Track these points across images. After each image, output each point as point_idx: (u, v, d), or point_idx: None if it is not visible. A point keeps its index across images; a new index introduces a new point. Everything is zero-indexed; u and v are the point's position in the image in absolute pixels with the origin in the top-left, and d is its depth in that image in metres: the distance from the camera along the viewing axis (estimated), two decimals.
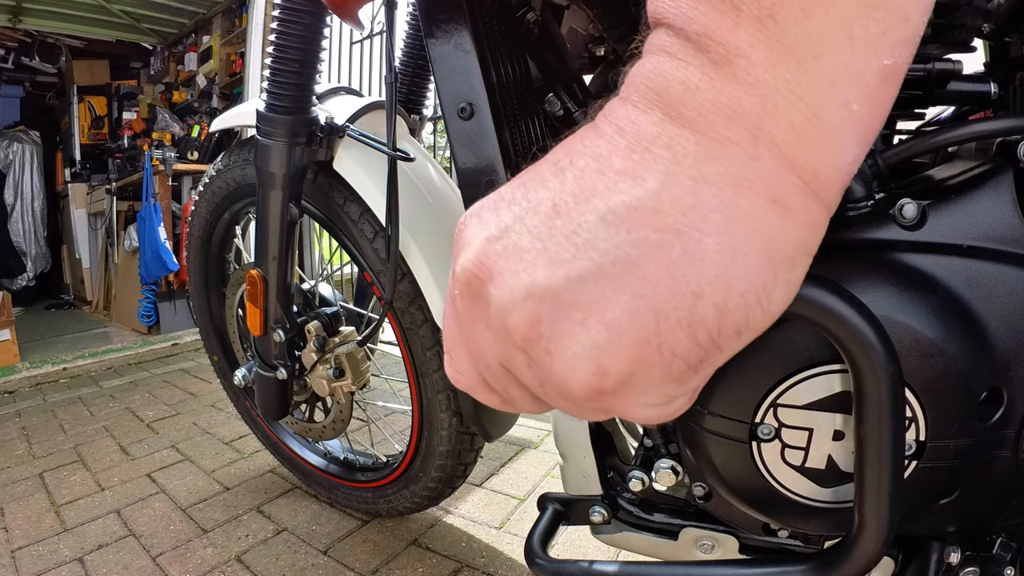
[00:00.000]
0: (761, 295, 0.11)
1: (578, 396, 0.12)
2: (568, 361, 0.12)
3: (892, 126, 0.27)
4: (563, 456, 0.37)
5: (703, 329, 0.11)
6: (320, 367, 0.66)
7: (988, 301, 0.23)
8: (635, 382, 0.12)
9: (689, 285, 0.11)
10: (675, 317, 0.11)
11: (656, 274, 0.11)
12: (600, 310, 0.11)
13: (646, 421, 0.13)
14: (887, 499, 0.21)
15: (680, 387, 0.12)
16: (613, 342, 0.11)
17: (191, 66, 2.61)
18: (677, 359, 0.11)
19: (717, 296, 0.11)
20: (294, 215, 0.59)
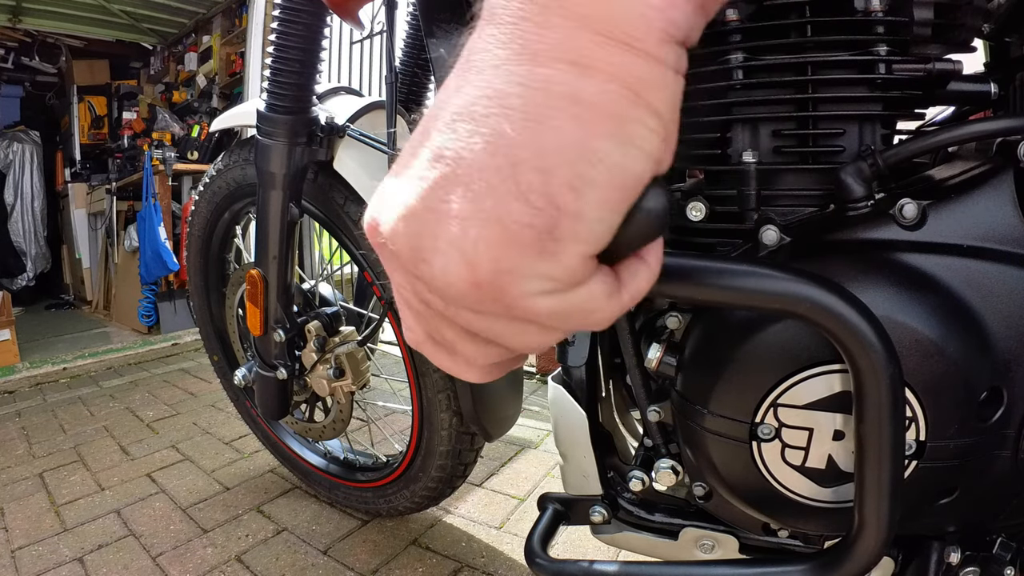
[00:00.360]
0: (582, 149, 0.12)
1: (467, 296, 0.13)
2: (440, 265, 0.12)
3: (892, 126, 0.27)
4: (563, 456, 0.37)
5: (533, 192, 0.12)
6: (320, 367, 0.66)
7: (988, 301, 0.23)
8: (503, 265, 0.12)
9: (507, 159, 0.12)
10: (504, 189, 0.12)
11: (480, 160, 0.12)
12: (447, 208, 0.12)
13: (554, 315, 0.13)
14: (887, 499, 0.21)
15: (554, 262, 0.12)
16: (465, 230, 0.12)
17: (191, 66, 2.61)
18: (524, 227, 0.12)
19: (533, 160, 0.12)
20: (294, 215, 0.59)
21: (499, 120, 0.12)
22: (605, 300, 0.14)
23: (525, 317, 0.13)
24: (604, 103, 0.12)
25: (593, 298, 0.13)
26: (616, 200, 0.12)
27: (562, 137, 0.11)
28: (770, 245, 0.26)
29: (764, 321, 0.25)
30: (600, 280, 0.13)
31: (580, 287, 0.13)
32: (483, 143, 0.12)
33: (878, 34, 0.25)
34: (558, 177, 0.12)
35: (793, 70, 0.26)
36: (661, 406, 0.32)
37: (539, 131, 0.12)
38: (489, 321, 0.13)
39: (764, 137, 0.27)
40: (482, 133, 0.12)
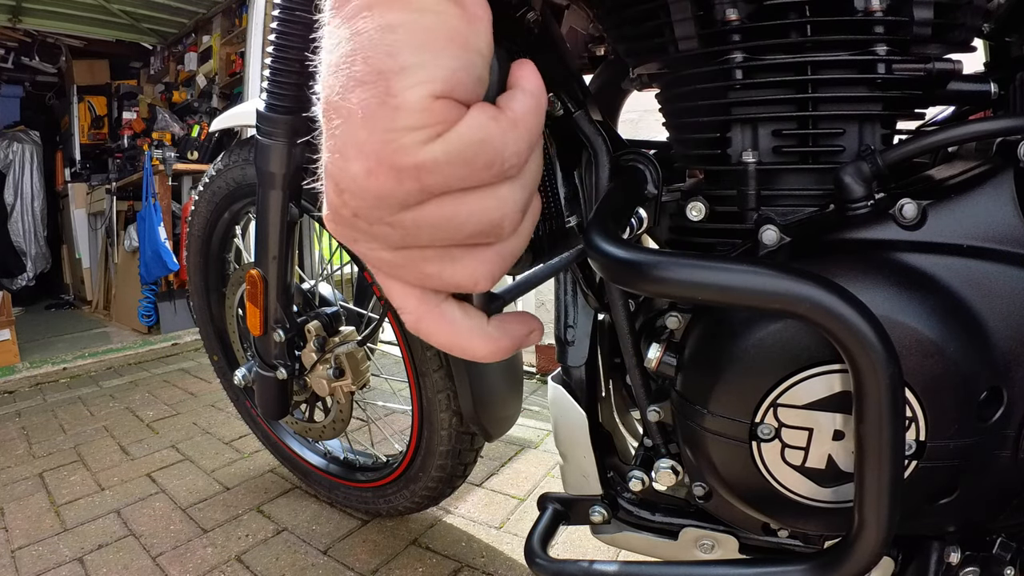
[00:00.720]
0: (381, 23, 0.13)
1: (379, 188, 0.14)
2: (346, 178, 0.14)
3: (892, 126, 0.27)
4: (563, 456, 0.37)
5: (362, 73, 0.13)
6: (320, 367, 0.66)
7: (988, 301, 0.23)
8: (375, 139, 0.13)
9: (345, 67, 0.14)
10: (347, 86, 0.14)
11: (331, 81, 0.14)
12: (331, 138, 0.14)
13: (457, 157, 0.14)
14: (887, 499, 0.21)
15: (405, 113, 0.13)
16: (335, 136, 0.14)
17: (191, 66, 2.61)
18: (369, 102, 0.13)
19: (358, 53, 0.13)
20: (294, 215, 0.59)
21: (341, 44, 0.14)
22: (491, 123, 0.14)
23: (443, 180, 0.14)
24: (400, 40, 0.13)
25: (478, 126, 0.14)
26: (425, 40, 0.13)
27: (367, 23, 0.13)
28: (770, 245, 0.26)
29: (764, 321, 0.25)
30: (476, 111, 0.14)
31: (458, 123, 0.14)
32: (332, 73, 0.14)
33: (878, 34, 0.25)
34: (375, 51, 0.13)
35: (793, 70, 0.26)
36: (661, 406, 0.32)
37: (354, 34, 0.13)
38: (431, 211, 0.14)
39: (764, 137, 0.27)
40: (332, 71, 0.14)
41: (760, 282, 0.20)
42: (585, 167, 0.32)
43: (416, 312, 0.16)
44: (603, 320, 0.36)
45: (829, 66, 0.25)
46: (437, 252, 0.15)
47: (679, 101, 0.31)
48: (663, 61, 0.30)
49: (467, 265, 0.15)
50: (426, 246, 0.15)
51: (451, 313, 0.17)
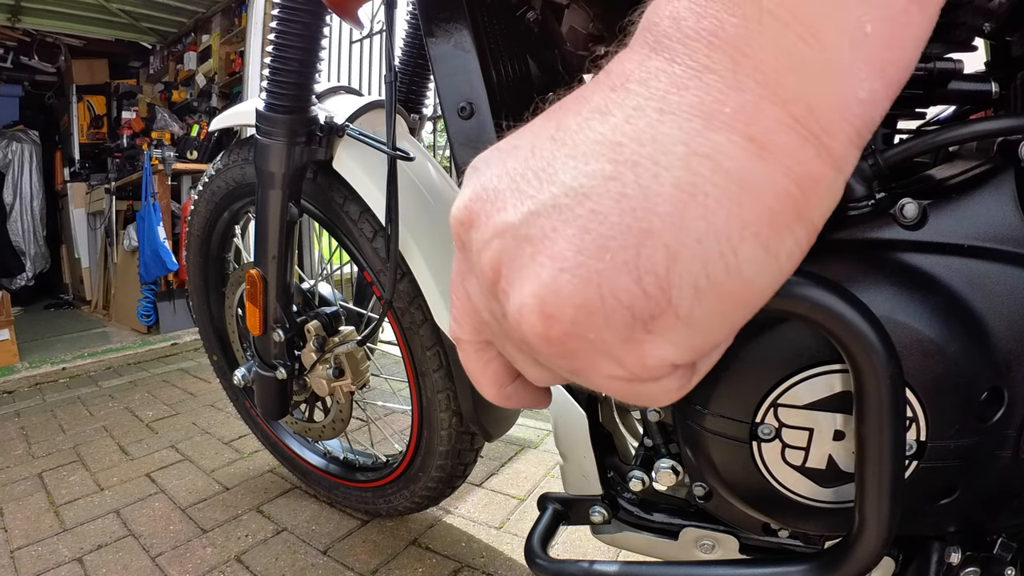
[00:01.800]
0: (724, 246, 0.10)
1: (534, 344, 0.11)
2: (518, 299, 0.11)
3: (892, 125, 0.27)
4: (563, 456, 0.37)
5: (650, 273, 0.10)
6: (320, 367, 0.66)
7: (989, 301, 0.23)
8: (580, 332, 0.11)
9: (639, 220, 0.10)
10: (620, 255, 0.10)
11: (605, 206, 0.10)
12: (550, 244, 0.11)
13: (620, 397, 0.12)
14: (888, 499, 0.21)
15: (634, 357, 0.11)
16: (556, 279, 0.10)
17: (190, 65, 2.61)
18: (620, 305, 0.10)
19: (668, 236, 0.10)
20: (294, 214, 0.59)
21: (647, 176, 0.10)
22: (674, 394, 0.12)
23: (587, 383, 0.12)
24: (772, 200, 0.10)
25: (663, 393, 0.12)
26: (733, 317, 0.11)
27: (710, 220, 0.10)
28: None
29: (764, 321, 0.25)
30: (677, 378, 0.12)
31: (653, 383, 0.12)
32: (618, 193, 0.10)
33: None
34: (686, 265, 0.10)
35: None
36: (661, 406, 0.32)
37: (688, 205, 0.10)
38: (549, 368, 0.13)
39: None
40: (622, 179, 0.10)
41: None
42: None
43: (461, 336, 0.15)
44: None
45: None
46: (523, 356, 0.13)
47: None
48: None
49: (539, 374, 0.14)
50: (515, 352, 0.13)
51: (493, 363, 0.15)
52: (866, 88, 0.10)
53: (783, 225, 0.10)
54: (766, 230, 0.10)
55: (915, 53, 0.10)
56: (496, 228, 0.12)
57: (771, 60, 0.09)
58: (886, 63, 0.10)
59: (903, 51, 0.10)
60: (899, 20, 0.09)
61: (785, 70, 0.09)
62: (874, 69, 0.09)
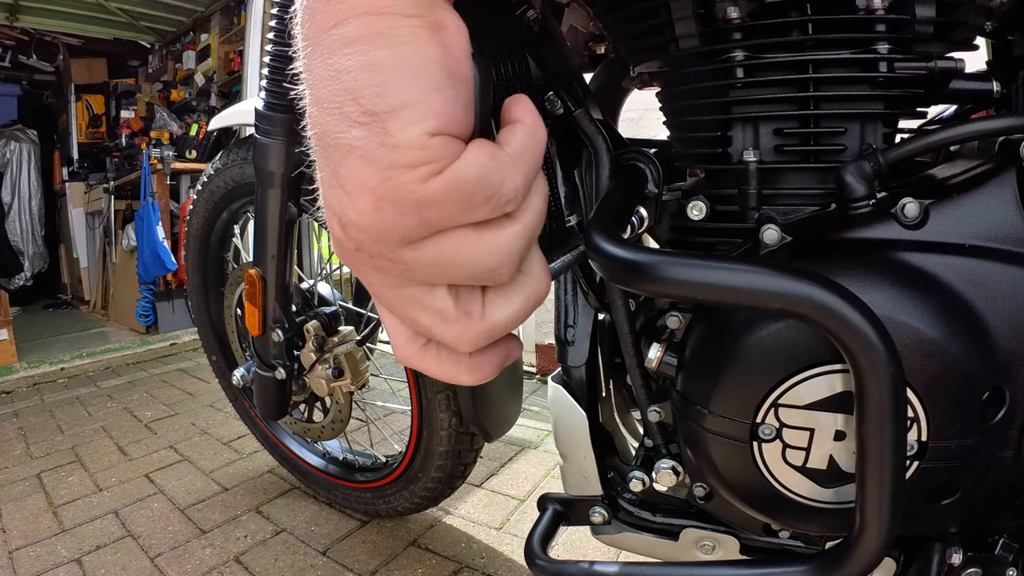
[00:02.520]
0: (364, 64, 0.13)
1: (383, 223, 0.14)
2: (349, 211, 0.14)
3: (894, 125, 0.27)
4: (563, 456, 0.37)
5: (356, 115, 0.13)
6: (319, 367, 0.65)
7: (990, 301, 0.23)
8: (377, 176, 0.14)
9: (338, 105, 0.14)
10: (344, 128, 0.14)
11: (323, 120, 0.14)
12: (331, 177, 0.15)
13: (456, 192, 0.14)
14: (888, 500, 0.21)
15: (402, 151, 0.13)
16: (336, 172, 0.14)
17: (189, 64, 2.60)
18: (368, 142, 0.13)
19: (345, 94, 0.14)
20: (293, 214, 0.59)
21: (322, 91, 0.14)
22: (489, 160, 0.14)
23: (443, 217, 0.14)
24: (362, 32, 0.13)
25: (476, 163, 0.14)
26: (414, 79, 0.13)
27: (352, 70, 0.13)
28: (771, 244, 0.26)
29: (765, 321, 0.25)
30: (474, 147, 0.14)
31: (457, 159, 0.14)
32: (320, 115, 0.14)
33: (879, 32, 0.25)
34: (364, 94, 0.13)
35: (794, 68, 0.26)
36: (661, 406, 0.32)
37: (339, 79, 0.14)
38: (430, 249, 0.14)
39: (765, 136, 0.27)
40: (320, 109, 0.14)
41: (761, 282, 0.20)
42: (585, 166, 0.32)
43: (404, 350, 0.17)
44: (603, 320, 0.36)
45: (830, 64, 0.25)
46: (432, 302, 0.15)
47: (680, 100, 0.31)
48: (664, 59, 0.30)
49: (455, 328, 0.16)
50: (424, 284, 0.15)
51: (435, 351, 0.17)
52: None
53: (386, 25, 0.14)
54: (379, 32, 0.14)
55: None
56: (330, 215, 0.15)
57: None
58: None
59: None
60: None
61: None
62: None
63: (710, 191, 0.29)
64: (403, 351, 0.17)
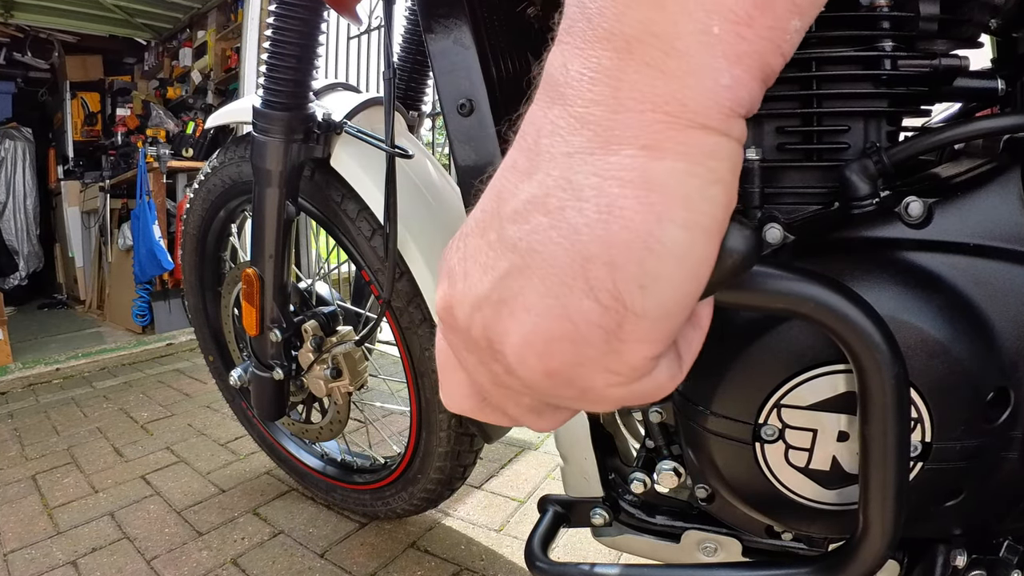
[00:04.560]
0: (647, 241, 0.11)
1: (540, 384, 0.13)
2: (514, 354, 0.13)
3: (898, 123, 0.27)
4: (564, 458, 0.37)
5: (602, 290, 0.12)
6: (317, 367, 0.65)
7: (995, 300, 0.23)
8: (573, 360, 0.12)
9: (579, 253, 0.12)
10: (575, 286, 0.12)
11: (552, 252, 0.12)
12: (522, 300, 0.12)
13: (625, 402, 0.13)
14: (892, 501, 0.21)
15: (621, 362, 0.12)
16: (536, 325, 0.12)
17: (186, 62, 2.58)
18: (592, 326, 0.12)
19: (604, 254, 0.11)
20: (291, 213, 0.58)
21: (573, 214, 0.12)
22: (669, 383, 0.14)
23: (596, 403, 0.13)
24: (672, 183, 0.11)
25: (658, 385, 0.14)
26: (684, 294, 0.12)
27: (630, 227, 0.11)
28: (773, 243, 0.26)
29: (767, 321, 0.24)
30: (664, 367, 0.14)
31: (645, 378, 0.13)
32: (557, 237, 0.12)
33: (883, 29, 0.24)
34: (625, 272, 0.12)
35: (797, 66, 0.26)
36: (663, 407, 0.31)
37: (609, 223, 0.12)
38: (559, 399, 0.14)
39: (768, 134, 0.27)
40: (557, 227, 0.12)
41: (763, 281, 0.19)
42: None
43: (459, 404, 0.16)
44: None
45: (834, 62, 0.25)
46: (530, 406, 0.15)
47: None
48: None
49: (543, 420, 0.15)
50: (529, 404, 0.15)
51: (494, 410, 0.16)
52: (727, 76, 0.12)
53: (694, 196, 0.12)
54: (679, 207, 0.12)
55: (771, 41, 0.12)
56: (473, 302, 0.13)
57: (642, 79, 0.11)
58: (741, 54, 0.12)
59: (754, 42, 0.12)
60: (743, 20, 0.11)
61: (656, 82, 0.11)
62: (730, 60, 0.12)
63: None
64: (457, 405, 0.16)
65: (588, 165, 0.12)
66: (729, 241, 0.13)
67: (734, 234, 0.13)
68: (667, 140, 0.11)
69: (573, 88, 0.12)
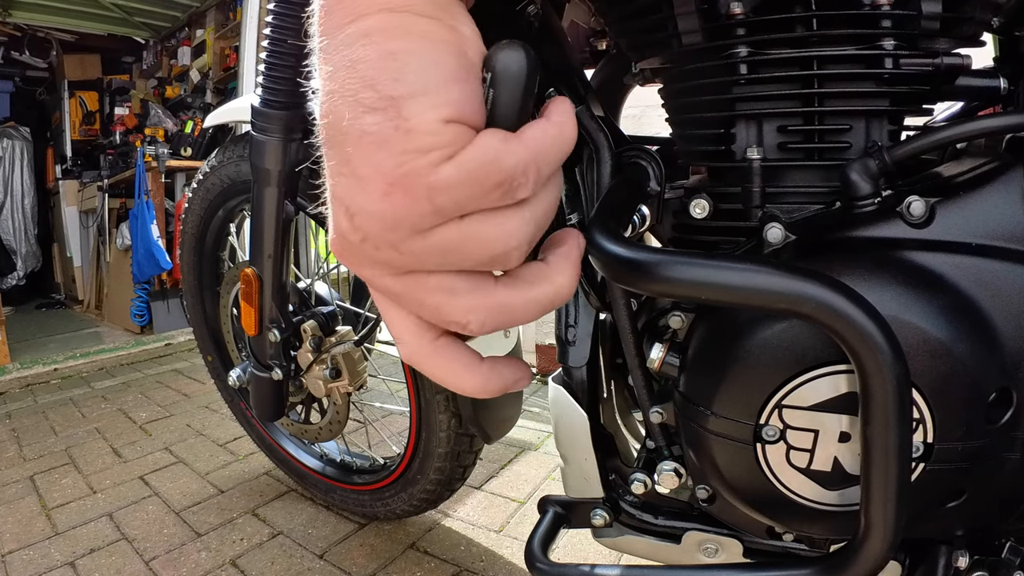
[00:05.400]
0: (388, 45, 0.14)
1: (393, 211, 0.14)
2: (356, 203, 0.14)
3: (899, 122, 0.26)
4: (564, 458, 0.37)
5: (375, 99, 0.13)
6: (316, 367, 0.65)
7: (997, 300, 0.22)
8: (391, 164, 0.14)
9: (353, 93, 0.14)
10: (360, 115, 0.14)
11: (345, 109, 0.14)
12: (346, 165, 0.14)
13: (469, 179, 0.14)
14: (894, 502, 0.21)
15: (416, 136, 0.13)
16: (354, 165, 0.14)
17: (184, 60, 2.58)
18: (384, 127, 0.13)
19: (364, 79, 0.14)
20: (290, 212, 0.58)
21: (345, 73, 0.14)
22: (501, 145, 0.14)
23: (453, 203, 0.14)
24: (377, 27, 0.14)
25: (488, 147, 0.14)
26: (432, 68, 0.14)
27: (374, 45, 0.14)
28: (774, 243, 0.26)
29: (768, 321, 0.24)
30: (486, 134, 0.14)
31: (469, 145, 0.14)
32: (341, 93, 0.14)
33: (885, 28, 0.24)
34: (381, 79, 0.14)
35: (798, 64, 0.25)
36: (664, 407, 0.31)
37: (364, 56, 0.14)
38: (438, 236, 0.14)
39: (769, 133, 0.27)
40: (340, 89, 0.14)
41: (765, 281, 0.19)
42: (586, 163, 0.31)
43: (412, 345, 0.17)
44: (605, 320, 0.35)
45: (835, 61, 0.25)
46: (439, 281, 0.15)
47: (682, 96, 0.30)
48: (666, 56, 0.30)
49: (464, 302, 0.15)
50: (431, 271, 0.15)
51: (446, 349, 0.17)
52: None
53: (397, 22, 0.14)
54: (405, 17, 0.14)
55: None
56: (331, 202, 0.15)
57: None
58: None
59: None
60: None
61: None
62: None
63: (713, 189, 0.29)
64: (410, 346, 0.17)
65: (347, 36, 0.14)
66: (493, 60, 0.15)
67: (497, 55, 0.15)
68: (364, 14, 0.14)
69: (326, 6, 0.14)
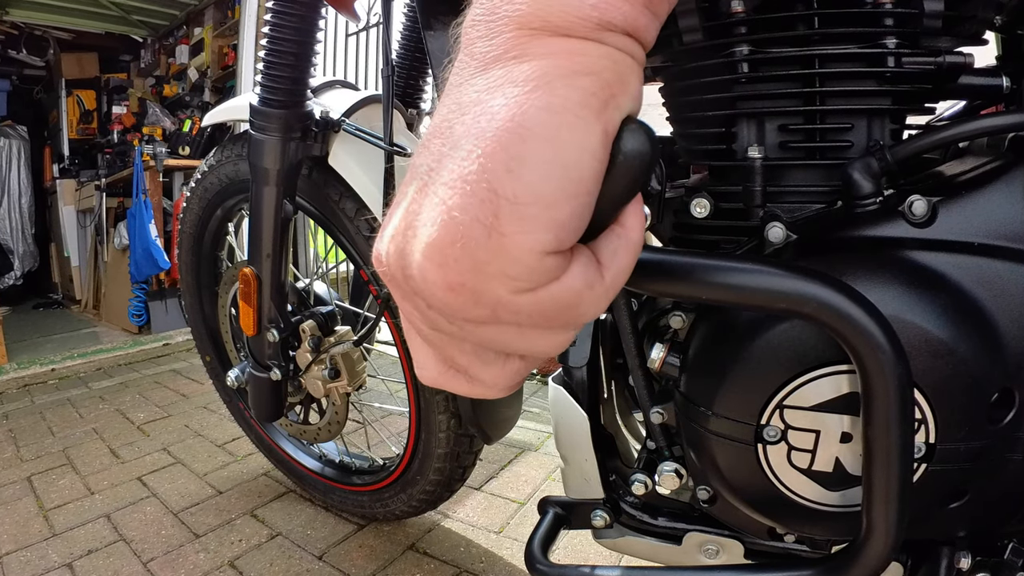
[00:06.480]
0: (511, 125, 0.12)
1: (451, 302, 0.13)
2: (418, 272, 0.13)
3: (901, 121, 0.26)
4: (564, 459, 0.36)
5: (477, 183, 0.12)
6: (315, 368, 0.65)
7: (1000, 300, 0.22)
8: (467, 264, 0.12)
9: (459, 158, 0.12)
10: (456, 187, 0.12)
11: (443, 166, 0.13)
12: (421, 217, 0.13)
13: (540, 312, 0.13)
14: (895, 503, 0.21)
15: (508, 259, 0.12)
16: (430, 234, 0.12)
17: (182, 59, 2.57)
18: (473, 222, 0.12)
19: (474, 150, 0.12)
20: (288, 212, 0.58)
21: (458, 127, 0.12)
22: (587, 291, 0.13)
23: (515, 319, 0.13)
24: (534, 75, 0.12)
25: (575, 292, 0.13)
26: (560, 179, 0.12)
27: (497, 118, 0.12)
28: (776, 243, 0.26)
29: (770, 321, 0.24)
30: (577, 272, 0.13)
31: (554, 283, 0.13)
32: (444, 149, 0.12)
33: (887, 26, 0.24)
34: (493, 159, 0.12)
35: (800, 63, 0.25)
36: (664, 408, 0.31)
37: (480, 121, 0.12)
38: (489, 331, 0.13)
39: (770, 132, 0.27)
40: (445, 142, 0.13)
41: (766, 281, 0.19)
42: None
43: (431, 371, 0.16)
44: (605, 320, 0.35)
45: (837, 59, 0.25)
46: (476, 351, 0.15)
47: (683, 95, 0.30)
48: (667, 54, 0.30)
49: (493, 373, 0.15)
50: (473, 350, 0.15)
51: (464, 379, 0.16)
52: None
53: (555, 86, 0.12)
54: (540, 96, 0.12)
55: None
56: (390, 238, 0.14)
57: (511, 7, 0.13)
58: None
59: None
60: None
61: (521, 7, 0.13)
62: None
63: (714, 188, 0.29)
64: (430, 373, 0.16)
65: (471, 86, 0.13)
66: (622, 142, 0.13)
67: (627, 135, 0.13)
68: (531, 47, 0.12)
69: (467, 34, 0.13)
